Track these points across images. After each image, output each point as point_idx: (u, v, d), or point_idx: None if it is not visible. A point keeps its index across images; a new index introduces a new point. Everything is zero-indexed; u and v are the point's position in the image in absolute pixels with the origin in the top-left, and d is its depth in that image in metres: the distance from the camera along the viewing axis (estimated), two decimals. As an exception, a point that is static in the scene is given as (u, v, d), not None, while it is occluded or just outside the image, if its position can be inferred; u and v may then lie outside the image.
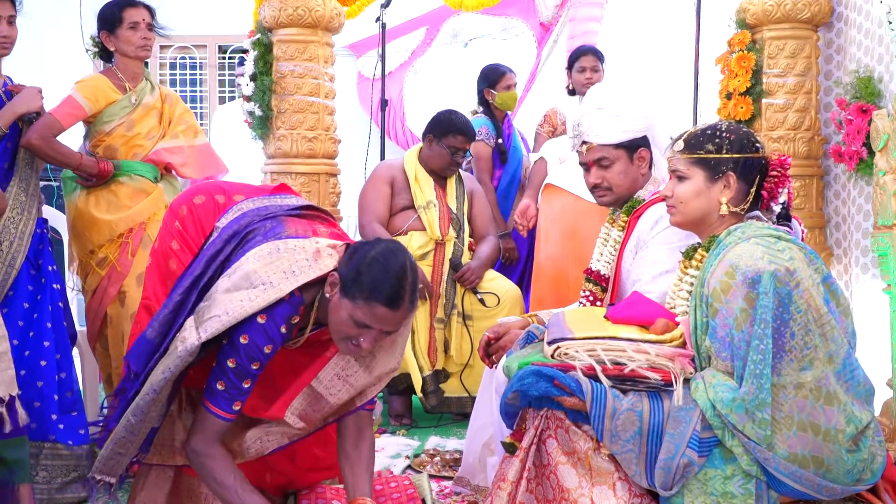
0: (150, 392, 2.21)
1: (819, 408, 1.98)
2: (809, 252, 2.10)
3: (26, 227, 3.02)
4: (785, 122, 3.82)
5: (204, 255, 2.38)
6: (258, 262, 2.23)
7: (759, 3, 3.79)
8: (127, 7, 3.33)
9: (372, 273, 2.16)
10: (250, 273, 2.20)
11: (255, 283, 2.19)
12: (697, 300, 2.11)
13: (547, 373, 2.09)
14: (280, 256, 2.24)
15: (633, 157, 2.67)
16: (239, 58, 4.32)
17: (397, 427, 3.95)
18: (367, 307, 2.15)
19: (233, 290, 2.20)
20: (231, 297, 2.19)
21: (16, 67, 3.32)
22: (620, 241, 2.69)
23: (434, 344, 3.97)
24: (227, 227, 2.42)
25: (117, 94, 3.31)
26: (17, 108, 3.05)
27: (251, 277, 2.20)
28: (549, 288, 3.73)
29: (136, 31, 3.33)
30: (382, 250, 2.21)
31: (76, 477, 2.99)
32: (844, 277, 3.75)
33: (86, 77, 3.37)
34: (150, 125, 3.36)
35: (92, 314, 3.28)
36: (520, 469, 2.11)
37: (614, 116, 2.65)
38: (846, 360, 2.03)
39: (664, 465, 1.97)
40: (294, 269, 2.22)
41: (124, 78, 3.35)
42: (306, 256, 2.25)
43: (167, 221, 2.57)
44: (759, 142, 2.23)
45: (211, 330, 2.16)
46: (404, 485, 2.74)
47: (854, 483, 2.01)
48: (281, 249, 2.25)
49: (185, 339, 2.18)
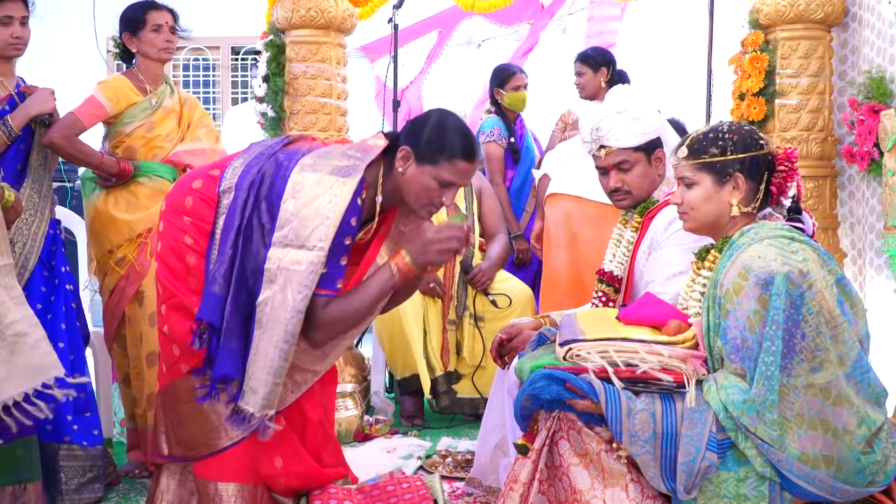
0: (294, 315, 2.35)
1: (828, 408, 1.97)
2: (823, 253, 2.09)
3: (39, 229, 3.04)
4: (798, 122, 3.80)
5: (233, 209, 2.46)
6: (315, 170, 2.38)
7: (773, 4, 3.77)
8: (150, 9, 3.34)
9: (443, 135, 2.40)
10: (319, 179, 2.37)
11: (328, 182, 2.36)
12: (710, 301, 2.10)
13: (559, 376, 2.09)
14: (329, 156, 2.40)
15: (651, 159, 2.66)
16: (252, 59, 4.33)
17: (409, 428, 3.96)
18: (450, 165, 2.39)
19: (311, 200, 2.36)
20: (318, 205, 2.35)
21: (28, 69, 3.34)
22: (634, 242, 2.69)
23: (446, 345, 3.97)
24: (239, 181, 2.49)
25: (138, 96, 3.32)
26: (29, 110, 3.06)
27: (323, 181, 2.36)
28: (563, 293, 3.72)
29: (158, 34, 3.33)
30: (439, 115, 2.46)
31: (92, 477, 3.01)
32: (859, 279, 3.73)
33: (108, 78, 3.39)
34: (169, 127, 3.37)
35: (109, 314, 3.30)
36: (532, 470, 2.11)
37: (633, 119, 2.63)
38: (857, 362, 2.02)
39: (686, 469, 1.96)
40: (356, 155, 2.42)
41: (145, 80, 3.36)
42: (352, 147, 2.44)
43: (170, 221, 2.57)
44: (762, 138, 2.22)
45: (323, 236, 2.33)
46: (416, 485, 2.74)
47: (867, 485, 2.00)
48: (323, 153, 2.42)
49: (301, 261, 2.34)
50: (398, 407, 4.15)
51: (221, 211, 2.51)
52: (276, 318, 2.36)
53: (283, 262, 2.36)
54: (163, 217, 2.61)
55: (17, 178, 3.04)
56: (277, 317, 2.36)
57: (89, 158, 3.22)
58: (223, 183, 2.54)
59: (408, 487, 2.73)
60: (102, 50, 6.88)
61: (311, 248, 2.34)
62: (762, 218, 2.24)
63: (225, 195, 2.52)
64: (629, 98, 2.70)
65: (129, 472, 3.31)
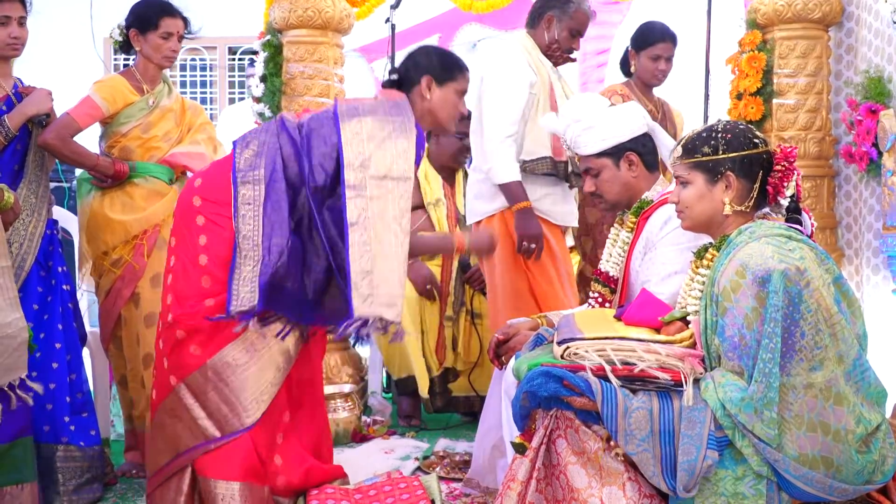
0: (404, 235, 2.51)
1: (829, 408, 1.97)
2: (821, 252, 2.09)
3: (36, 229, 3.03)
4: (796, 122, 3.80)
5: (274, 185, 2.54)
6: (367, 114, 2.60)
7: (770, 3, 3.77)
8: (166, 16, 3.29)
9: (445, 57, 2.82)
10: (380, 121, 2.60)
11: (390, 122, 2.60)
12: (708, 299, 2.10)
13: (556, 373, 2.09)
14: (362, 105, 2.65)
15: (618, 163, 2.68)
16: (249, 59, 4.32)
17: (406, 428, 3.95)
18: (463, 76, 2.80)
19: (383, 140, 2.55)
20: (392, 142, 2.56)
21: (26, 69, 3.33)
22: (629, 243, 2.69)
23: (443, 342, 3.97)
24: (267, 161, 2.59)
25: (135, 96, 3.29)
26: (27, 110, 3.06)
27: (385, 122, 2.59)
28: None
29: (167, 41, 3.30)
30: (427, 47, 2.87)
31: (90, 478, 3.00)
32: (856, 279, 3.73)
33: (104, 78, 3.37)
34: (166, 128, 3.35)
35: (105, 315, 3.29)
36: (530, 469, 2.11)
37: (587, 128, 2.70)
38: (856, 360, 2.03)
39: (687, 468, 1.96)
40: (395, 104, 2.67)
41: (143, 80, 3.33)
42: (375, 99, 2.73)
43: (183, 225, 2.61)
44: (757, 137, 2.21)
45: (407, 167, 2.54)
46: (413, 486, 2.74)
47: (864, 484, 2.00)
48: (350, 106, 2.64)
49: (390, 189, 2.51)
50: (395, 407, 4.15)
51: (246, 200, 2.55)
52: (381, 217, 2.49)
53: (367, 200, 2.48)
54: (174, 233, 2.66)
55: (13, 179, 3.04)
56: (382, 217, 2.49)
57: (84, 160, 3.20)
58: (239, 175, 2.58)
59: (405, 488, 2.73)
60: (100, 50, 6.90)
61: (396, 178, 2.52)
62: (760, 217, 2.24)
63: (250, 170, 2.58)
64: (583, 107, 2.77)
65: (127, 472, 3.31)
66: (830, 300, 2.01)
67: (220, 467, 2.50)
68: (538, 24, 3.50)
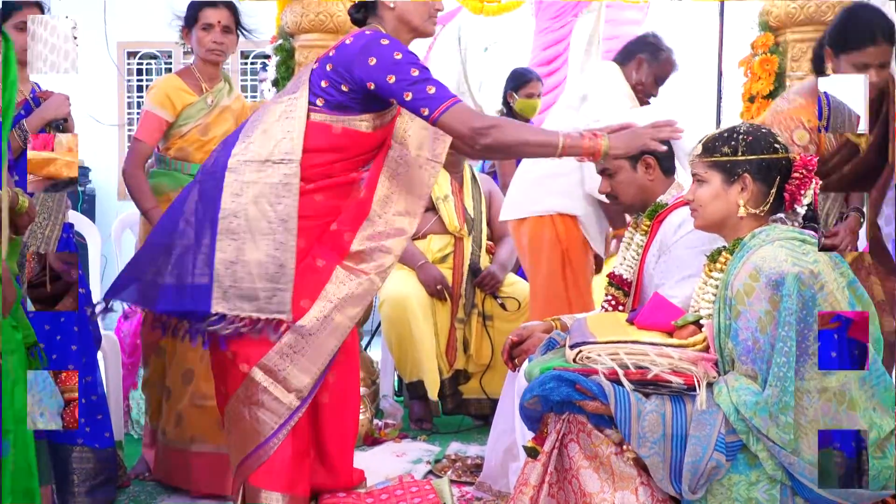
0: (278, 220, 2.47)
1: (843, 412, 1.97)
2: (834, 256, 2.08)
3: (52, 233, 3.04)
4: (808, 125, 3.79)
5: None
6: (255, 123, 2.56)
7: (783, 6, 3.76)
8: (205, 7, 3.22)
9: None
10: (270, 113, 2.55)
11: (276, 109, 2.54)
12: (721, 303, 2.10)
13: (568, 377, 2.09)
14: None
15: (635, 166, 2.68)
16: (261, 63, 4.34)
17: (418, 432, 3.95)
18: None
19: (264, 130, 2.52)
20: (273, 131, 2.50)
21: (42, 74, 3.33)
22: (643, 246, 2.69)
23: (454, 343, 3.98)
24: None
25: (192, 96, 3.23)
26: (45, 115, 3.06)
27: (271, 109, 2.55)
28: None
29: (208, 33, 3.22)
30: None
31: (104, 480, 3.01)
32: (869, 282, 3.71)
33: (154, 83, 3.30)
34: (226, 128, 3.24)
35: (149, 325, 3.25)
36: (542, 473, 2.11)
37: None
38: (872, 364, 2.02)
39: (691, 468, 1.96)
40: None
41: (201, 78, 3.27)
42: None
43: None
44: (778, 142, 2.21)
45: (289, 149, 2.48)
46: (425, 489, 2.74)
47: (880, 489, 1.99)
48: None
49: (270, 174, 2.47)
50: (407, 411, 4.15)
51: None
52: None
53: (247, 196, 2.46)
54: None
55: (30, 183, 3.05)
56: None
57: (141, 202, 3.18)
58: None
59: (417, 491, 2.73)
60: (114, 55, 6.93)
61: (278, 161, 2.46)
62: (774, 222, 2.23)
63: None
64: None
65: (140, 474, 3.32)
66: (845, 304, 2.01)
67: (265, 477, 2.49)
68: (628, 63, 3.56)
